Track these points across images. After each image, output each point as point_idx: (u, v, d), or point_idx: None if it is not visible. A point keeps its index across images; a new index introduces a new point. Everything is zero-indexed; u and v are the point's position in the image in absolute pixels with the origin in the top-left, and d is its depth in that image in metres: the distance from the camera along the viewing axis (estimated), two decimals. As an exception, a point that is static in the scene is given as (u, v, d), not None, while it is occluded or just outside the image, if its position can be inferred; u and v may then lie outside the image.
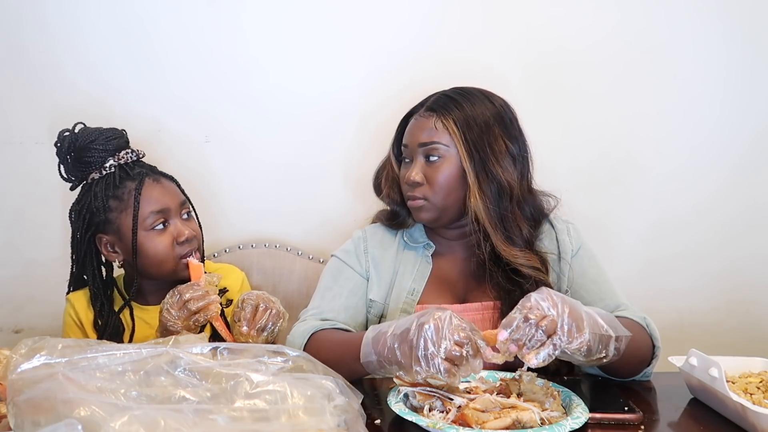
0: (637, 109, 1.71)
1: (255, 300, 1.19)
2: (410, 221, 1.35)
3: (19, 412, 0.71)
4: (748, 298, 1.77)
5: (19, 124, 1.63)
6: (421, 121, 1.27)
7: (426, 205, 1.25)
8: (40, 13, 1.61)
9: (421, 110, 1.29)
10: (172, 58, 1.65)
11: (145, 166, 1.33)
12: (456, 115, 1.24)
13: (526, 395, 0.95)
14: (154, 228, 1.27)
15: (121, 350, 0.81)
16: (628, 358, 1.05)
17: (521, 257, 1.20)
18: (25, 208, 1.65)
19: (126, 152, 1.31)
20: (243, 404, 0.77)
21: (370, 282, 1.31)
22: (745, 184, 1.74)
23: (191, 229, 1.31)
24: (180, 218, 1.31)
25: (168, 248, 1.27)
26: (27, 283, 1.64)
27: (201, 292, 1.17)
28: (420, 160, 1.25)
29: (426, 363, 0.89)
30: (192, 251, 1.29)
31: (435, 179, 1.23)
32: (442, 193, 1.24)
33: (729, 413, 0.95)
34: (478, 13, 1.68)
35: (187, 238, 1.29)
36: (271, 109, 1.68)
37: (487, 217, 1.21)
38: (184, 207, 1.33)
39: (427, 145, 1.24)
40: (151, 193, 1.28)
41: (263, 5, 1.65)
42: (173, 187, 1.33)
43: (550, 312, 0.91)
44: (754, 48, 1.71)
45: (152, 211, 1.27)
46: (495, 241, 1.21)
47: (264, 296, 1.20)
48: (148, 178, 1.29)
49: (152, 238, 1.27)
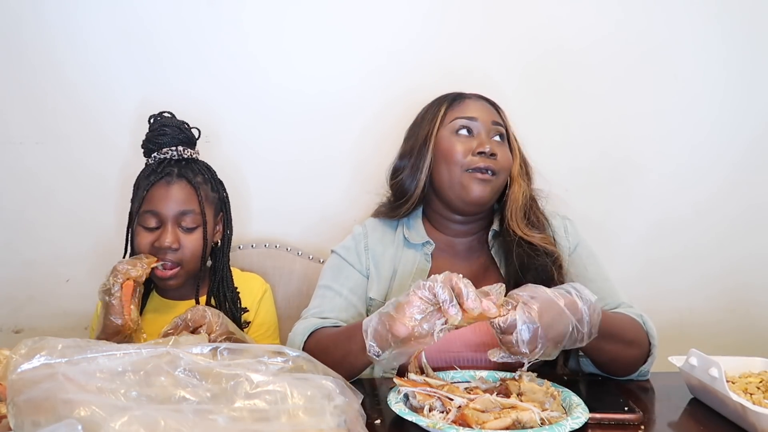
0: (637, 109, 1.72)
1: (191, 316, 1.09)
2: (408, 206, 1.31)
3: (19, 413, 0.71)
4: (748, 298, 1.77)
5: (19, 124, 1.63)
6: (485, 104, 1.32)
7: (494, 182, 1.25)
8: (40, 14, 1.61)
9: (474, 97, 1.33)
10: (173, 58, 1.65)
11: (180, 168, 1.33)
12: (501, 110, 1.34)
13: (526, 395, 0.95)
14: (145, 225, 1.30)
15: (121, 350, 0.81)
16: (620, 355, 1.06)
17: (537, 237, 1.24)
18: (25, 208, 1.65)
19: (169, 149, 1.34)
20: (243, 404, 0.77)
21: (370, 280, 1.31)
22: (745, 184, 1.74)
23: (175, 241, 1.28)
24: (176, 227, 1.30)
25: (146, 248, 1.29)
26: (27, 283, 1.64)
27: (134, 265, 1.21)
28: (489, 135, 1.28)
29: (418, 287, 0.89)
30: (166, 262, 1.28)
31: (504, 157, 1.27)
32: (505, 173, 1.28)
33: (729, 413, 0.95)
34: (478, 13, 1.68)
35: (162, 247, 1.28)
36: (271, 108, 1.68)
37: (521, 202, 1.26)
38: (185, 218, 1.30)
39: (499, 125, 1.29)
40: (155, 193, 1.31)
41: (263, 5, 1.65)
42: (183, 196, 1.31)
43: (523, 326, 0.89)
44: (754, 48, 1.72)
45: (146, 209, 1.30)
46: (515, 225, 1.24)
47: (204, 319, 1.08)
48: (166, 179, 1.31)
49: (140, 233, 1.31)
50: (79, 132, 1.64)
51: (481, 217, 1.32)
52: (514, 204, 1.26)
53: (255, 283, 1.46)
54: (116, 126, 1.64)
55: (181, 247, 1.30)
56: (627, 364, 1.12)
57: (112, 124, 1.64)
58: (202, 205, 1.32)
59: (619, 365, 1.12)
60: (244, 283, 1.43)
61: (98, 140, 1.64)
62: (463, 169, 1.24)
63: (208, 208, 1.35)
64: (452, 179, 1.25)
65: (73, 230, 1.65)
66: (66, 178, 1.65)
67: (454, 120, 1.28)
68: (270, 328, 1.43)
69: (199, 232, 1.33)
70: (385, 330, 0.90)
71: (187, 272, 1.32)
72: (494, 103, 1.34)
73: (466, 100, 1.31)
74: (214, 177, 1.40)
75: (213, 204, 1.38)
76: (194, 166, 1.37)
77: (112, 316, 1.17)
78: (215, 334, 1.07)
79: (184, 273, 1.32)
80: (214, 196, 1.39)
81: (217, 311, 1.12)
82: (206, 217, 1.32)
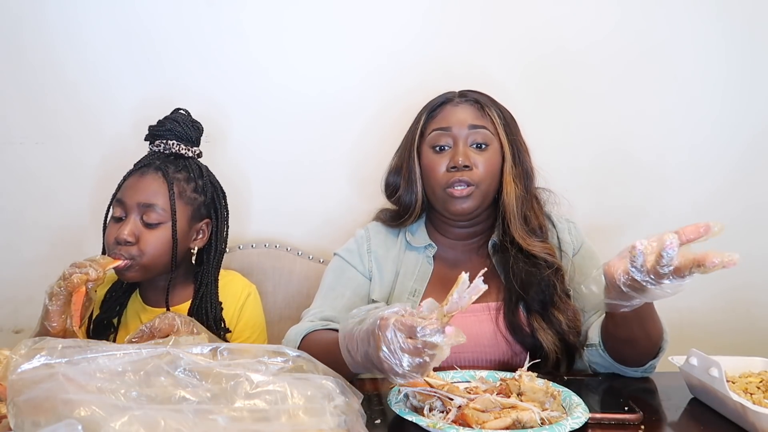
0: (637, 109, 1.72)
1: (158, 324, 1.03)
2: (413, 219, 1.33)
3: (19, 413, 0.71)
4: (748, 298, 1.77)
5: (19, 124, 1.63)
6: (465, 107, 1.27)
7: (474, 192, 1.24)
8: (40, 14, 1.61)
9: (456, 99, 1.29)
10: (173, 58, 1.65)
11: (163, 161, 1.26)
12: (494, 105, 1.29)
13: (526, 395, 0.95)
14: (114, 215, 1.24)
15: (122, 350, 0.81)
16: (639, 339, 1.06)
17: (538, 246, 1.23)
18: (25, 208, 1.65)
19: (162, 141, 1.29)
20: (243, 404, 0.77)
21: (372, 282, 1.31)
22: (745, 184, 1.74)
23: (131, 234, 1.19)
24: (138, 219, 1.21)
25: (109, 241, 1.22)
26: (27, 283, 1.64)
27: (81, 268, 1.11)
28: (466, 144, 1.25)
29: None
30: (121, 256, 1.18)
31: (484, 164, 1.24)
32: (489, 179, 1.25)
33: (729, 413, 0.95)
34: (478, 13, 1.68)
35: (118, 238, 1.19)
36: (271, 108, 1.68)
37: (516, 206, 1.24)
38: (148, 212, 1.21)
39: (478, 128, 1.25)
40: (127, 183, 1.25)
41: (263, 5, 1.65)
42: (152, 188, 1.22)
43: None
44: (754, 48, 1.71)
45: (116, 197, 1.24)
46: (515, 232, 1.23)
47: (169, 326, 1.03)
48: (142, 169, 1.25)
49: (109, 224, 1.26)
50: (79, 132, 1.64)
51: (482, 220, 1.32)
52: (509, 209, 1.25)
53: (237, 285, 1.36)
54: (116, 126, 1.64)
55: (139, 242, 1.20)
56: (641, 351, 1.10)
57: (112, 124, 1.64)
58: (173, 201, 1.22)
59: (634, 350, 1.10)
60: (225, 285, 1.34)
61: (98, 140, 1.64)
62: (442, 187, 1.25)
63: (182, 207, 1.25)
64: (435, 196, 1.27)
65: (73, 230, 1.65)
66: (66, 178, 1.65)
67: (431, 133, 1.28)
68: (254, 333, 1.34)
69: (164, 230, 1.22)
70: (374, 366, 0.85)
71: (146, 269, 1.22)
72: (481, 100, 1.29)
73: (446, 107, 1.29)
74: (204, 179, 1.31)
75: (191, 205, 1.27)
76: (182, 162, 1.28)
77: (47, 321, 1.09)
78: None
79: (141, 269, 1.21)
80: (195, 197, 1.28)
81: (189, 318, 1.06)
82: (176, 216, 1.22)
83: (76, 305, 1.10)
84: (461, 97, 1.30)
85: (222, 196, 1.36)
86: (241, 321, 1.34)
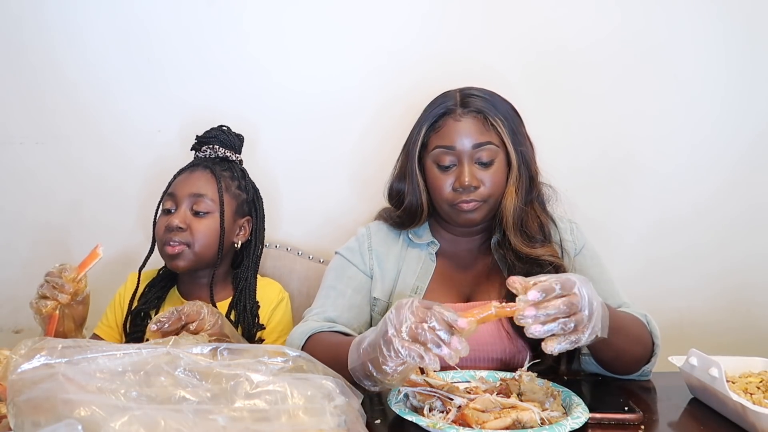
0: (637, 109, 1.71)
1: (188, 310, 1.06)
2: (418, 224, 1.32)
3: (19, 413, 0.71)
4: (748, 298, 1.77)
5: (19, 124, 1.63)
6: (467, 122, 1.24)
7: (482, 206, 1.24)
8: (40, 14, 1.61)
9: (458, 111, 1.25)
10: (172, 58, 1.65)
11: (210, 162, 1.37)
12: (501, 113, 1.25)
13: (526, 395, 0.95)
14: (164, 208, 1.32)
15: (121, 350, 0.81)
16: (625, 352, 1.06)
17: (539, 251, 1.22)
18: (25, 208, 1.65)
19: (207, 147, 1.39)
20: (243, 404, 0.77)
21: (374, 280, 1.31)
22: (745, 184, 1.74)
23: (183, 221, 1.28)
24: (188, 209, 1.30)
25: (160, 232, 1.31)
26: (27, 283, 1.63)
27: (59, 278, 1.13)
28: (471, 162, 1.23)
29: (387, 348, 0.84)
30: (176, 243, 1.27)
31: (490, 179, 1.23)
32: (497, 193, 1.25)
33: (729, 413, 0.95)
34: (478, 12, 1.68)
35: (170, 226, 1.27)
36: (271, 108, 1.68)
37: (513, 217, 1.23)
38: (198, 201, 1.30)
39: (483, 146, 1.22)
40: (177, 180, 1.34)
41: (264, 5, 1.65)
42: (201, 181, 1.32)
43: (583, 310, 0.86)
44: (754, 48, 1.71)
45: (167, 192, 1.33)
46: (512, 240, 1.23)
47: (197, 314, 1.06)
48: (191, 168, 1.34)
49: (159, 218, 1.34)
50: (79, 132, 1.64)
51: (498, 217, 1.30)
52: (506, 220, 1.24)
53: (274, 290, 1.44)
54: (116, 126, 1.64)
55: (190, 230, 1.29)
56: (631, 362, 1.11)
57: (111, 124, 1.64)
58: (221, 192, 1.32)
59: (623, 362, 1.11)
60: (263, 287, 1.42)
61: (98, 140, 1.64)
62: (448, 204, 1.25)
63: (229, 199, 1.34)
64: (441, 208, 1.28)
65: (73, 230, 1.65)
66: (66, 178, 1.65)
67: (435, 149, 1.25)
68: (282, 336, 1.38)
69: (212, 220, 1.32)
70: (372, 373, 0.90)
71: (197, 258, 1.30)
72: (484, 108, 1.24)
73: (448, 121, 1.24)
74: (246, 181, 1.42)
75: (236, 200, 1.37)
76: (226, 164, 1.39)
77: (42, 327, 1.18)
78: (205, 332, 1.04)
79: (193, 257, 1.30)
80: (240, 194, 1.39)
81: (216, 311, 1.10)
82: (224, 207, 1.32)
83: (49, 328, 1.14)
84: (463, 106, 1.25)
85: (260, 199, 1.45)
86: (272, 322, 1.39)
